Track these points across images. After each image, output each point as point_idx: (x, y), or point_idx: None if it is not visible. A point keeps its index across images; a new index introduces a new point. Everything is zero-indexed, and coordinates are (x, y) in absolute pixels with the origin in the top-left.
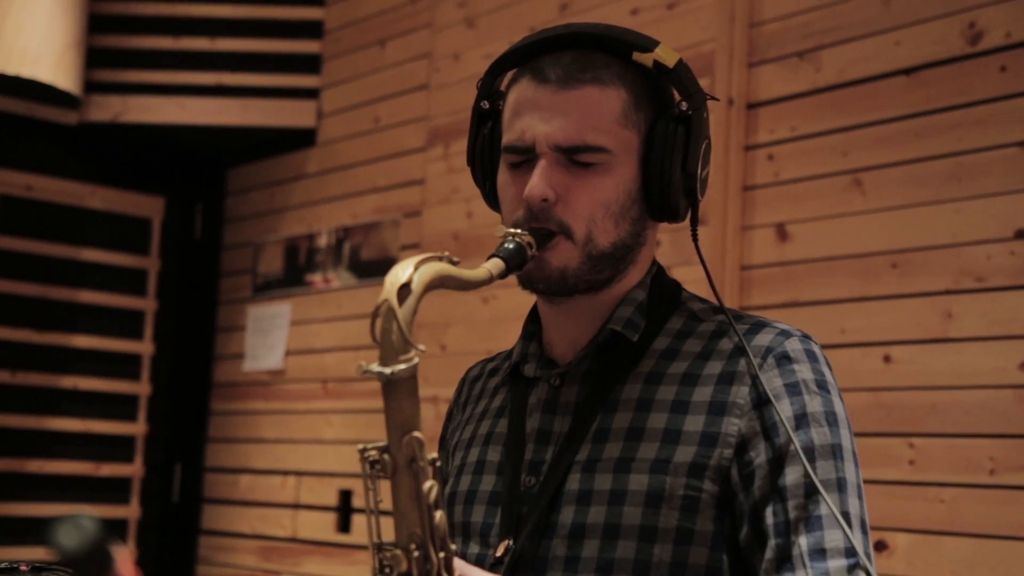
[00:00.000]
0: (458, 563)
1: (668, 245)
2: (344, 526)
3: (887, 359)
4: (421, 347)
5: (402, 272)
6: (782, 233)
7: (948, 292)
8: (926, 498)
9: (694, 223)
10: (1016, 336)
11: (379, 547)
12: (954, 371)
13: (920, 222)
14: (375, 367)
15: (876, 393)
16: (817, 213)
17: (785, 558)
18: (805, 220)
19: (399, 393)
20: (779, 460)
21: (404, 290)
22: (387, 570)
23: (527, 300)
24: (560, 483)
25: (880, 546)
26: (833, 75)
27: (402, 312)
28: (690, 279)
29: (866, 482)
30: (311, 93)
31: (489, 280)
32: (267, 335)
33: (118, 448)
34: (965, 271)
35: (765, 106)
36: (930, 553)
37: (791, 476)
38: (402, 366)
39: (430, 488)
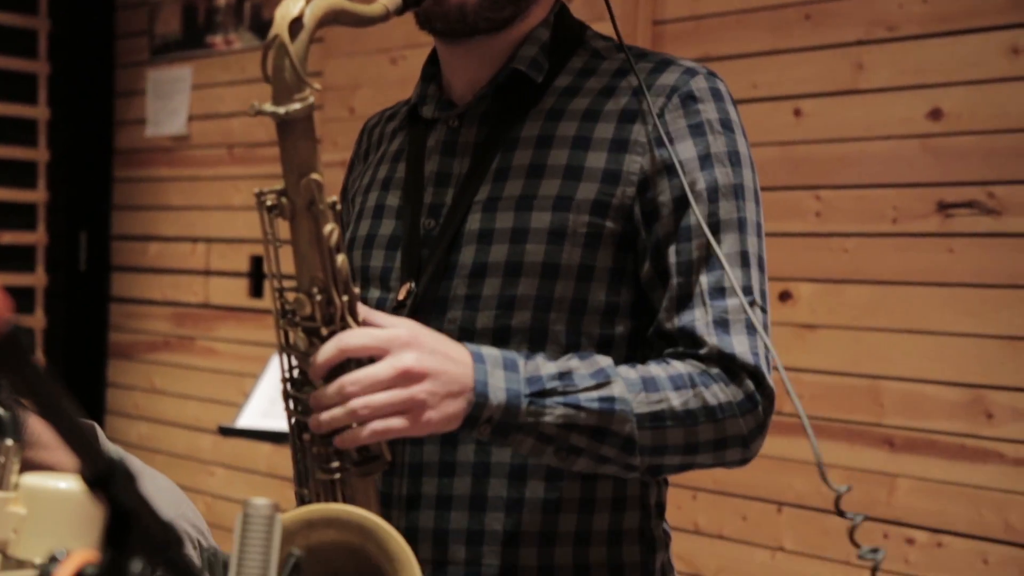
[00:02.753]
0: (362, 307)
1: (580, 2)
2: (256, 291)
3: (797, 112)
4: (316, 85)
5: (293, 6)
6: None
7: (860, 43)
8: (830, 248)
9: None
10: (926, 85)
11: (280, 292)
12: (863, 123)
13: None
14: (268, 107)
15: (785, 147)
16: None
17: (686, 296)
18: None
19: (294, 134)
20: (682, 200)
21: (296, 24)
22: (290, 315)
23: None
24: (460, 223)
25: (784, 296)
26: None
27: (295, 48)
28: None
29: (772, 235)
30: None
31: (385, 16)
32: (168, 100)
33: (19, 216)
34: (877, 20)
35: None
36: (833, 301)
37: (694, 216)
38: (296, 105)
39: (330, 231)
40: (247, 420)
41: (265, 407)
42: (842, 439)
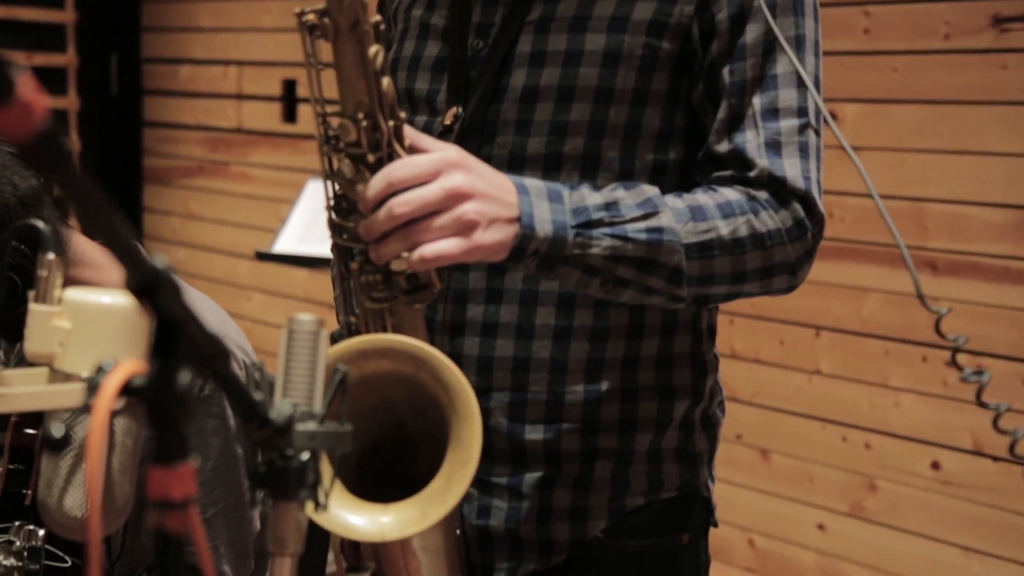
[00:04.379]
0: (408, 131)
1: None
2: (290, 116)
3: None
4: None
5: None
6: None
7: None
8: (878, 67)
9: None
10: None
11: (324, 117)
12: None
13: None
14: None
15: None
16: None
17: (737, 117)
18: None
19: None
20: (740, 16)
21: None
22: (334, 141)
23: None
24: (511, 45)
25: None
26: None
27: None
28: None
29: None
30: None
31: None
32: None
33: (49, 37)
34: None
35: None
36: (879, 122)
37: (751, 33)
38: None
39: (376, 53)
40: (284, 245)
41: (301, 232)
42: (884, 263)
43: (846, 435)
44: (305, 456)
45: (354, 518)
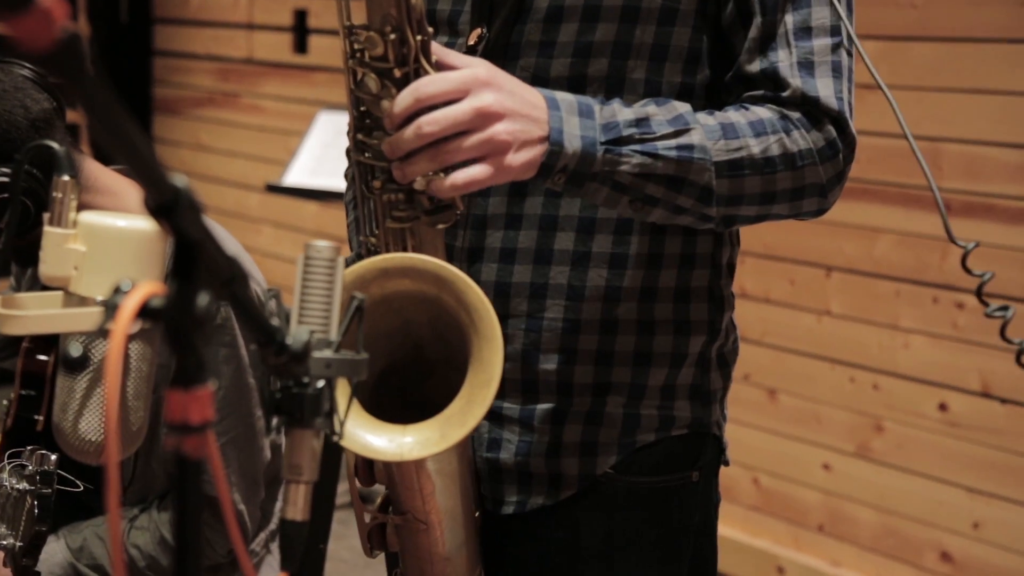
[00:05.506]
0: (436, 47)
1: None
2: (301, 47)
3: None
4: None
5: None
6: None
7: None
8: (898, 3)
9: None
10: None
11: (351, 30)
12: None
13: None
14: None
15: None
16: None
17: (769, 36)
18: None
19: None
20: None
21: None
22: (359, 54)
23: None
24: None
25: None
26: None
27: None
28: None
29: None
30: None
31: None
32: None
33: None
34: None
35: None
36: (897, 59)
37: None
38: None
39: None
40: (294, 178)
41: (312, 165)
42: (898, 203)
43: (854, 376)
44: (321, 384)
45: (374, 438)
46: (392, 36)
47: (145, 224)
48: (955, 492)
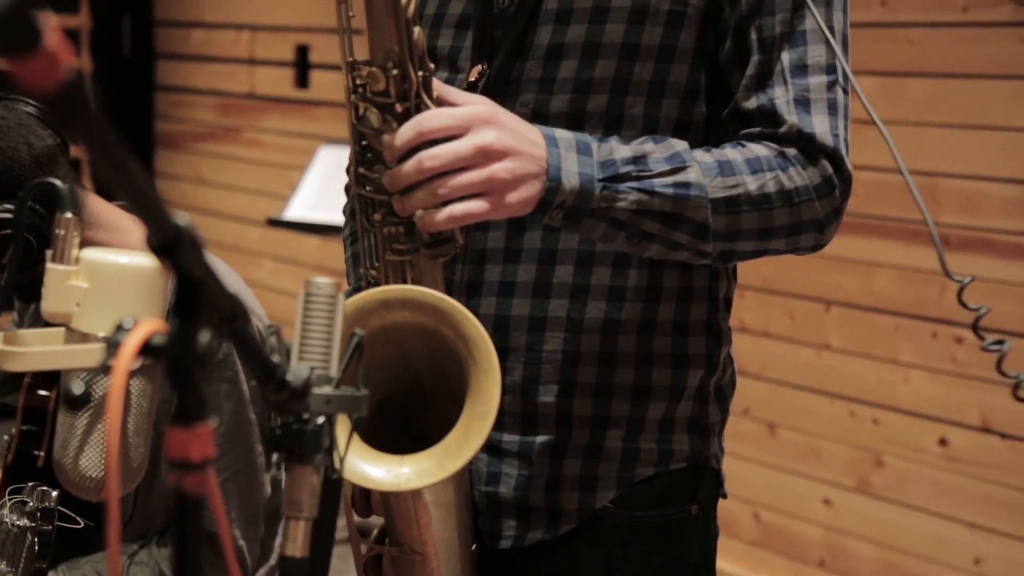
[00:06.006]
0: (436, 83)
1: None
2: (302, 81)
3: None
4: None
5: None
6: None
7: None
8: (895, 39)
9: None
10: None
11: (353, 65)
12: None
13: None
14: None
15: None
16: None
17: (766, 73)
18: None
19: None
20: None
21: None
22: (362, 89)
23: None
24: (537, 2)
25: None
26: None
27: None
28: None
29: None
30: None
31: None
32: None
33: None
34: None
35: None
36: (894, 95)
37: None
38: None
39: (408, 1)
40: (295, 212)
41: (312, 199)
42: (897, 238)
43: (854, 410)
44: (321, 420)
45: (371, 468)
46: (394, 72)
47: (147, 261)
48: (956, 527)
